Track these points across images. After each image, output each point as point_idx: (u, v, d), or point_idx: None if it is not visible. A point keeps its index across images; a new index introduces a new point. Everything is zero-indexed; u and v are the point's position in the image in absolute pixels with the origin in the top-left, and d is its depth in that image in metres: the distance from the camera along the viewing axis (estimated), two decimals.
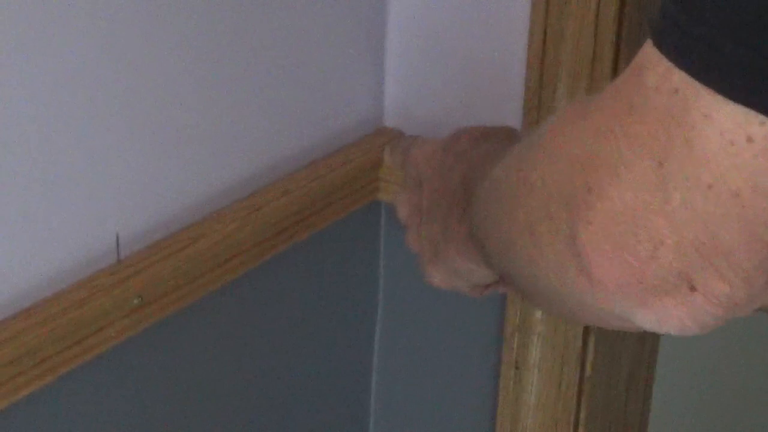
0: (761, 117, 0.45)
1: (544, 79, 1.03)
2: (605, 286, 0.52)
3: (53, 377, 0.82)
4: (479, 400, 1.17)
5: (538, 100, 1.04)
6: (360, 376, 1.21)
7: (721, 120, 0.46)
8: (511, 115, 1.07)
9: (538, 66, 1.03)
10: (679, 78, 0.47)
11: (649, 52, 0.49)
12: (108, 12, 0.82)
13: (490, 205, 0.66)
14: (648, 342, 1.21)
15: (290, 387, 1.11)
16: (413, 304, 1.17)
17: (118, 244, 0.87)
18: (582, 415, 1.11)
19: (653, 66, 0.48)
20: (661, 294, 0.51)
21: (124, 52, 0.84)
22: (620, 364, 1.16)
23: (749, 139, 0.45)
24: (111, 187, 0.86)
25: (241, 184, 0.98)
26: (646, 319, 0.53)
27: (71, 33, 0.79)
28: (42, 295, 0.82)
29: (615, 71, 1.01)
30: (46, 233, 0.82)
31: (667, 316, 0.52)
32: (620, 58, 1.01)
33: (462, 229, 0.77)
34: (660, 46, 0.48)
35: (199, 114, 0.92)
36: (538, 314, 1.09)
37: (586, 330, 1.08)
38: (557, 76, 1.02)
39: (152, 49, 0.86)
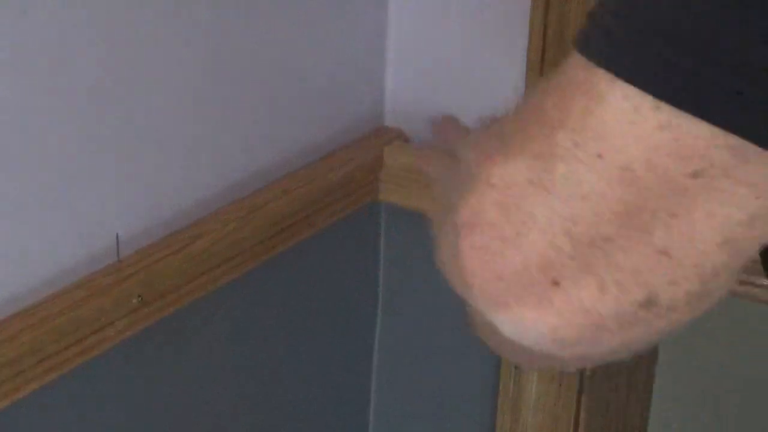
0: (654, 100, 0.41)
1: None
2: (467, 273, 0.45)
3: (53, 377, 0.82)
4: (479, 399, 1.17)
5: None
6: (360, 376, 1.21)
7: (621, 93, 0.41)
8: None
9: (538, 65, 1.03)
10: (583, 61, 0.43)
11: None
12: (108, 9, 0.82)
13: None
14: None
15: (290, 386, 1.10)
16: (413, 304, 1.17)
17: (118, 244, 0.87)
18: (582, 415, 1.11)
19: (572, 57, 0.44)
20: (520, 293, 0.44)
21: (125, 52, 0.84)
22: (620, 365, 1.16)
23: (647, 115, 0.41)
24: (111, 187, 0.86)
25: (241, 184, 0.98)
26: (505, 326, 0.45)
27: (71, 33, 0.80)
28: (42, 295, 0.82)
29: None
30: (46, 233, 0.82)
31: (523, 322, 0.44)
32: None
33: None
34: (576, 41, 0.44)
35: (200, 114, 0.92)
36: None
37: None
38: None
39: (154, 49, 0.86)
